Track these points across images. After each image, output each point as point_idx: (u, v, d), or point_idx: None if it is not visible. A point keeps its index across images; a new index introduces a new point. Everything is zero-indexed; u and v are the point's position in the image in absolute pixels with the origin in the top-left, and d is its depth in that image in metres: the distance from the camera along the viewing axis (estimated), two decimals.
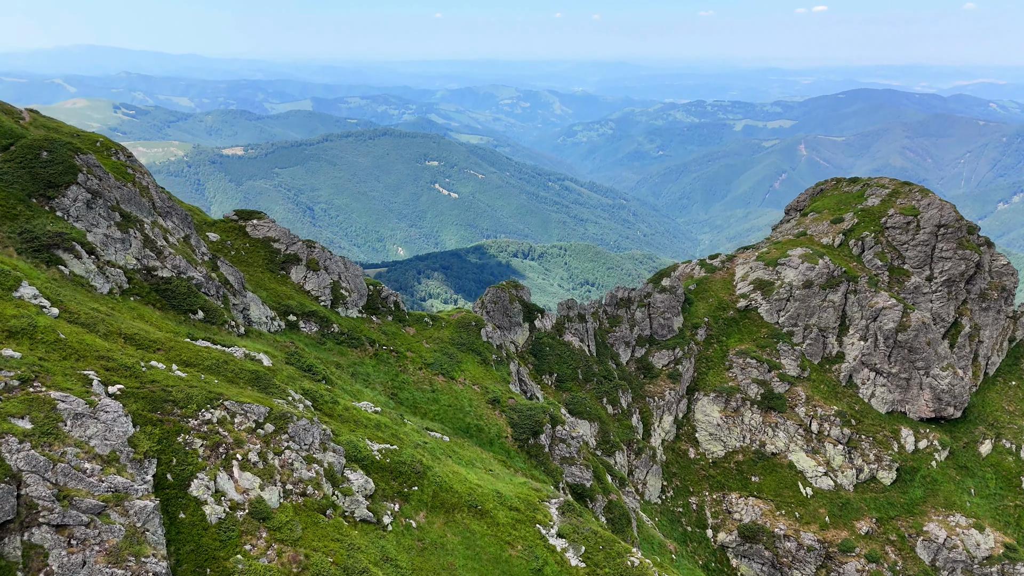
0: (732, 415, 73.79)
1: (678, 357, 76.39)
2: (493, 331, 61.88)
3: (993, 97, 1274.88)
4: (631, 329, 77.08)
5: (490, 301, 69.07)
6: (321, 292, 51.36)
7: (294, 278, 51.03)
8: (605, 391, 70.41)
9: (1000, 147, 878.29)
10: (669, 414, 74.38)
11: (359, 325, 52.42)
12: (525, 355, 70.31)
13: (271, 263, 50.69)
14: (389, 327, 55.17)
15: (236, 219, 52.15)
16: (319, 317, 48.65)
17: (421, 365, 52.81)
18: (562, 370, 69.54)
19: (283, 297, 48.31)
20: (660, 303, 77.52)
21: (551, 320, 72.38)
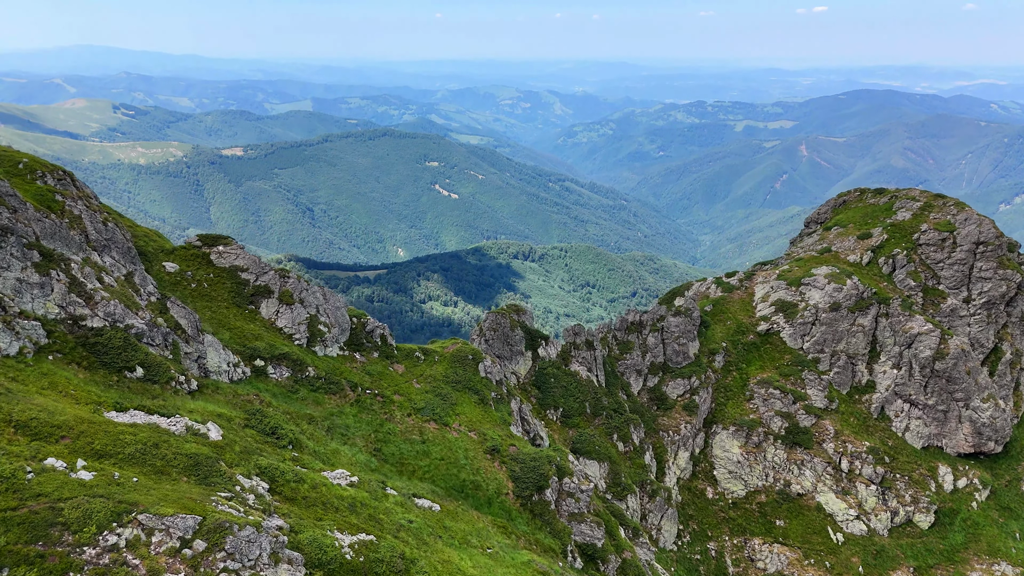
0: (754, 451, 67.13)
1: (694, 387, 69.71)
2: (492, 365, 55.20)
3: (994, 98, 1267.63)
4: (643, 356, 70.41)
5: (489, 328, 62.42)
6: (295, 329, 44.68)
7: (264, 313, 44.35)
8: (615, 426, 63.74)
9: (1002, 148, 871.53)
10: (685, 450, 67.72)
11: (339, 366, 45.72)
12: (528, 387, 63.66)
13: (238, 296, 44.00)
14: (374, 365, 48.48)
15: (199, 245, 45.45)
16: (292, 360, 41.97)
17: (410, 411, 46.13)
18: (568, 404, 62.87)
19: (250, 337, 41.62)
20: (674, 327, 70.84)
21: (556, 348, 65.71)
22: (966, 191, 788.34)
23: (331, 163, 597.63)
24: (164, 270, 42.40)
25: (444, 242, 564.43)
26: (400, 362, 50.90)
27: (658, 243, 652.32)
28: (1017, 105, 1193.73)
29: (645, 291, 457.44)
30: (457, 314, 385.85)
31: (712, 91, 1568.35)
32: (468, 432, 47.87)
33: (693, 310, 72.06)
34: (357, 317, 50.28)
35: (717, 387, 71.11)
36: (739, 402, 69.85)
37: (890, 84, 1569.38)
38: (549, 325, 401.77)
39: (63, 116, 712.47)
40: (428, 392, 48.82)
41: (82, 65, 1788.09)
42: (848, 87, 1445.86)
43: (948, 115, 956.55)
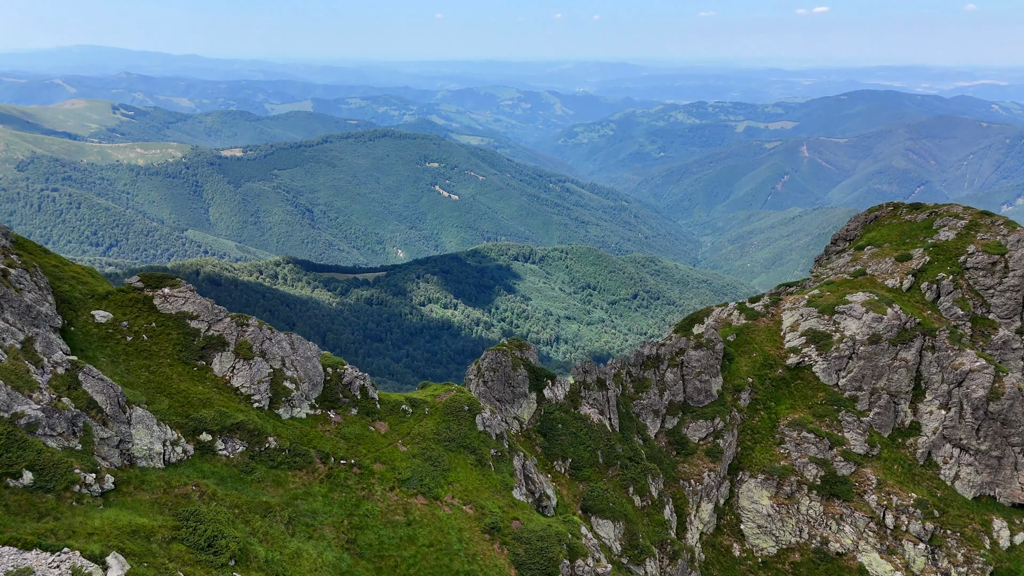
0: (786, 503, 59.34)
1: (718, 429, 61.90)
2: (492, 417, 47.42)
3: (995, 98, 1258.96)
4: (661, 394, 62.61)
5: (488, 369, 54.64)
6: (255, 388, 36.87)
7: (217, 370, 36.55)
8: (631, 477, 55.96)
9: (1003, 149, 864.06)
10: (708, 501, 59.93)
11: (308, 431, 37.94)
12: (532, 434, 55.89)
13: (185, 350, 36.21)
14: (352, 426, 40.66)
15: (140, 287, 37.63)
16: (247, 430, 34.22)
17: (393, 483, 38.36)
18: (578, 453, 55.11)
19: (196, 404, 33.86)
20: (695, 362, 63.03)
21: (563, 388, 57.92)
22: (968, 192, 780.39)
23: (331, 164, 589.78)
24: (92, 321, 34.73)
25: (444, 243, 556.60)
26: (383, 418, 43.12)
27: (659, 244, 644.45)
28: (1018, 106, 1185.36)
29: (646, 293, 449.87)
30: (457, 317, 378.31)
31: (713, 92, 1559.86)
32: (463, 506, 40.13)
33: (716, 342, 64.23)
34: (332, 367, 42.48)
35: (743, 429, 63.30)
36: (768, 446, 62.05)
37: (891, 84, 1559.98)
38: (549, 328, 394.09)
39: (62, 116, 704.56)
40: (416, 456, 41.04)
41: (83, 65, 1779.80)
42: (849, 87, 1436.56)
43: (949, 116, 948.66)
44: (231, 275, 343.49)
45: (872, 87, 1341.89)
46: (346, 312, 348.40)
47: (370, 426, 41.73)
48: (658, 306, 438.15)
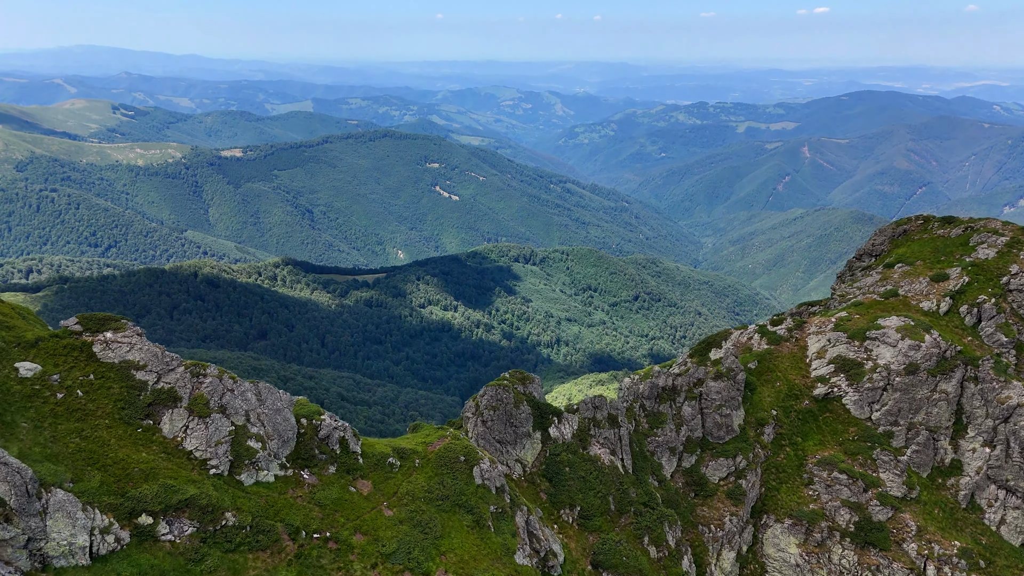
0: (816, 551, 53.55)
1: (740, 468, 56.11)
2: (491, 468, 41.64)
3: (996, 99, 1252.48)
4: (678, 430, 56.79)
5: (488, 407, 48.82)
6: (212, 452, 31.08)
7: (167, 431, 30.78)
8: (646, 526, 50.16)
9: (1005, 150, 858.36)
10: (730, 548, 54.12)
11: (275, 500, 32.20)
12: (536, 479, 50.12)
13: (129, 407, 30.43)
14: (329, 488, 34.87)
15: (79, 331, 31.88)
16: (200, 507, 28.48)
17: (376, 559, 32.64)
18: (588, 500, 49.31)
19: (136, 477, 28.10)
20: (715, 394, 57.20)
21: (571, 426, 52.10)
22: (970, 193, 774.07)
23: (331, 164, 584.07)
24: (15, 376, 29.04)
25: (445, 244, 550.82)
26: (366, 475, 37.34)
27: (660, 245, 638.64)
28: (1020, 107, 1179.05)
29: (648, 295, 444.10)
30: (457, 319, 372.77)
31: (713, 92, 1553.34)
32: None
33: (737, 371, 58.39)
34: (307, 417, 36.67)
35: (767, 467, 57.48)
36: (795, 487, 56.22)
37: (892, 85, 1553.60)
38: (550, 330, 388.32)
39: (62, 116, 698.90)
40: (403, 522, 35.27)
41: (83, 65, 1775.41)
42: (850, 88, 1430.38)
43: (951, 116, 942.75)
44: (229, 277, 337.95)
45: (873, 88, 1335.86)
46: (345, 314, 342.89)
47: (350, 486, 35.94)
48: (659, 308, 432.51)
